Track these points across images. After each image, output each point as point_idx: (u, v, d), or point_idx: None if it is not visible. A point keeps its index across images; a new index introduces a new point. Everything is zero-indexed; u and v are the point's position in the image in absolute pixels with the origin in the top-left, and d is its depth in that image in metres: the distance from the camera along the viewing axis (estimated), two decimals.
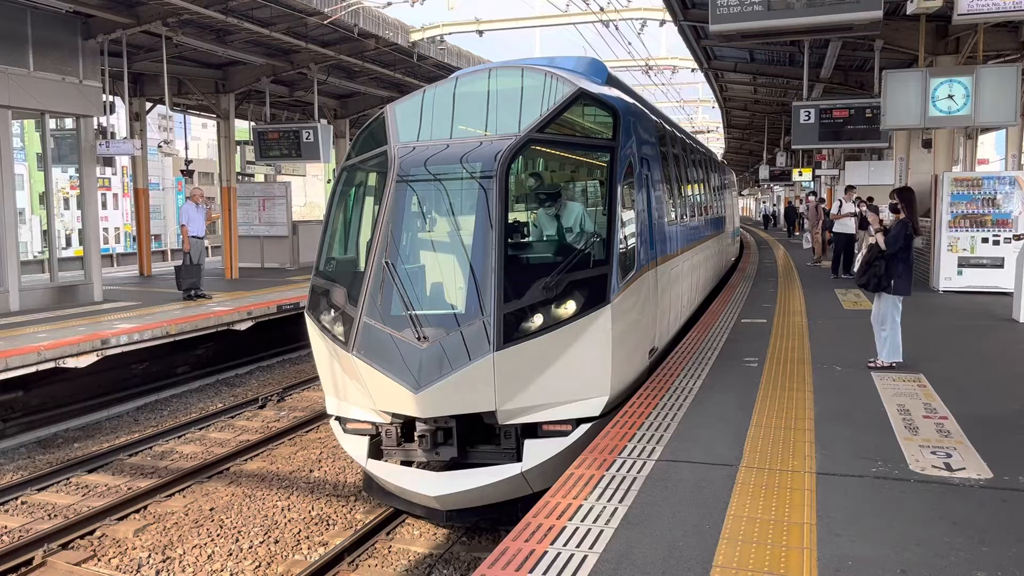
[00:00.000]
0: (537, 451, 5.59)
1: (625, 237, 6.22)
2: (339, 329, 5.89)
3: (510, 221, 5.96)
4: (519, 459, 5.61)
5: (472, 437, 5.79)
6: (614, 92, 7.31)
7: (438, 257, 6.06)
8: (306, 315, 6.37)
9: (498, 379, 5.38)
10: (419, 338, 5.40)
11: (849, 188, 16.36)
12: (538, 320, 5.50)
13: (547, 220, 6.63)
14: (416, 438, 5.62)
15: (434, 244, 6.12)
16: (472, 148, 6.13)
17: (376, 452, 6.04)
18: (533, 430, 5.70)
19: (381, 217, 6.01)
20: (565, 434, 5.66)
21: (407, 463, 6.03)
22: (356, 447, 6.12)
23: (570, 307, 5.59)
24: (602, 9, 14.96)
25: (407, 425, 5.82)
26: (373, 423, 6.02)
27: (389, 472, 5.95)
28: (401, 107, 6.81)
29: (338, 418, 6.30)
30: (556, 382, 5.61)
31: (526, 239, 6.34)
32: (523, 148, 6.14)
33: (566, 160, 7.26)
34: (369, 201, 6.64)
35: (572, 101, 6.36)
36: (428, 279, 5.98)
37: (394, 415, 5.79)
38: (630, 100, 7.73)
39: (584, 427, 5.68)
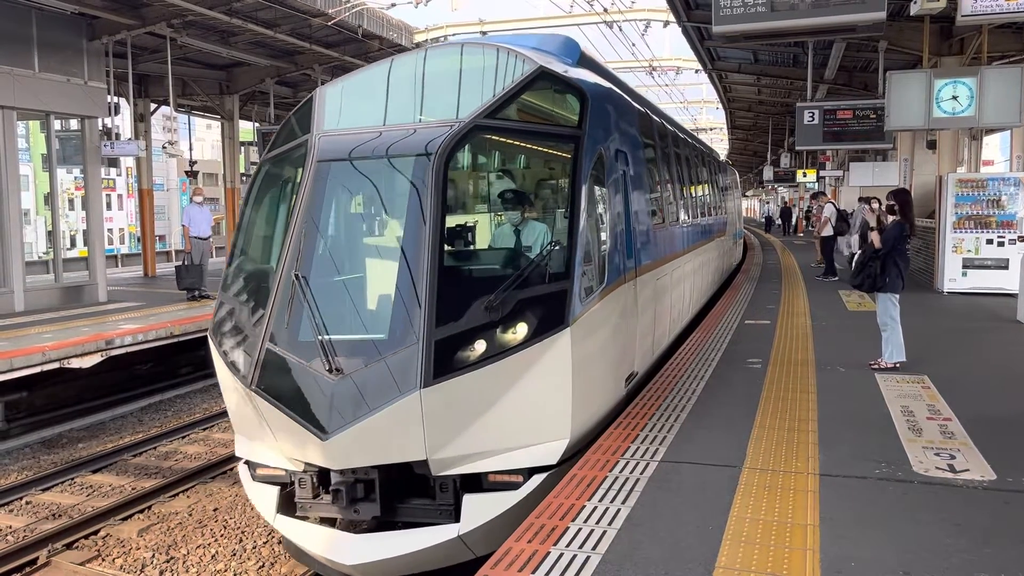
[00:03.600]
0: (479, 508, 4.59)
1: (592, 244, 5.19)
2: (240, 357, 4.84)
3: (448, 226, 4.95)
4: (457, 518, 4.62)
5: (404, 489, 4.78)
6: (586, 74, 6.15)
7: (359, 270, 5.14)
8: (209, 338, 5.27)
9: (428, 421, 4.38)
10: (331, 370, 4.40)
11: (819, 194, 18.20)
12: (479, 347, 4.49)
13: (494, 225, 5.73)
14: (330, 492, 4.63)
15: (355, 254, 5.28)
16: (406, 137, 5.07)
17: (290, 505, 4.96)
18: (477, 481, 4.70)
19: (293, 221, 4.95)
20: (515, 486, 4.66)
21: (329, 520, 4.93)
22: (264, 499, 5.04)
23: (520, 331, 4.57)
24: (606, 10, 14.99)
25: (325, 473, 4.74)
26: (287, 470, 4.97)
27: (298, 532, 4.91)
28: (332, 89, 5.76)
29: (247, 462, 5.26)
30: (503, 424, 4.61)
31: (468, 247, 5.29)
32: (467, 137, 5.08)
33: (520, 151, 6.15)
34: (284, 201, 5.51)
35: (530, 82, 5.27)
36: (346, 296, 4.97)
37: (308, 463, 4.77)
38: (606, 84, 6.53)
39: (539, 477, 4.65)
